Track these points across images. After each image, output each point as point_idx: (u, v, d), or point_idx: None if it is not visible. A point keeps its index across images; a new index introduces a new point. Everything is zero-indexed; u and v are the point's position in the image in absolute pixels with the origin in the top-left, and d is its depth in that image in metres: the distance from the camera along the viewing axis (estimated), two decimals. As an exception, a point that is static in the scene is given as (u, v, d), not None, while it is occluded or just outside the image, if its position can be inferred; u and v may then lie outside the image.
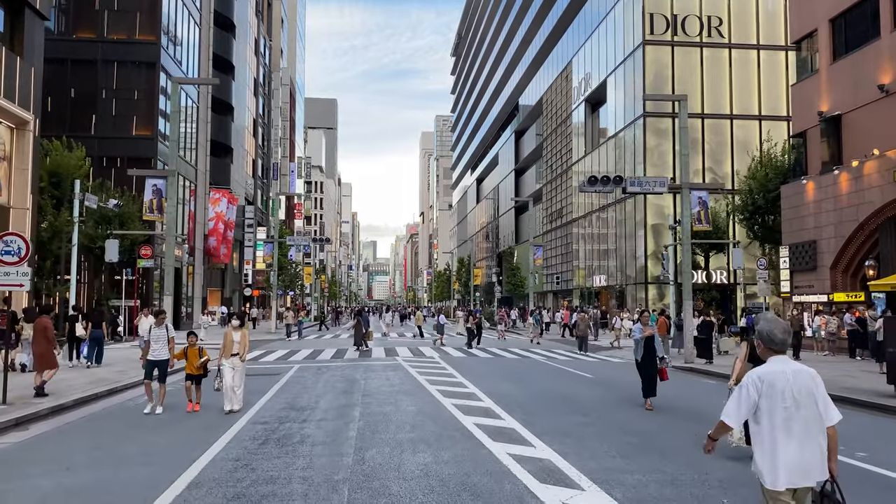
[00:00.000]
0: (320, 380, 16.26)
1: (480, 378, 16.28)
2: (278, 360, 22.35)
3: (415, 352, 25.17)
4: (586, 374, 17.77)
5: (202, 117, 47.31)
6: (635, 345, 12.11)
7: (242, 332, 11.83)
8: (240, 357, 11.69)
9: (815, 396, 3.91)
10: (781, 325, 4.03)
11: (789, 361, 4.00)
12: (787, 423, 3.85)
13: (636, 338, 12.05)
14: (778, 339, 4.00)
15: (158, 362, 11.83)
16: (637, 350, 12.12)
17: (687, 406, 12.39)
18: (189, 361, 11.94)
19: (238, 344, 11.70)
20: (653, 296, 41.20)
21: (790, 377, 3.91)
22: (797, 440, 3.83)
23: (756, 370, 4.02)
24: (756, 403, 3.92)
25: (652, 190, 22.20)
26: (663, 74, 42.13)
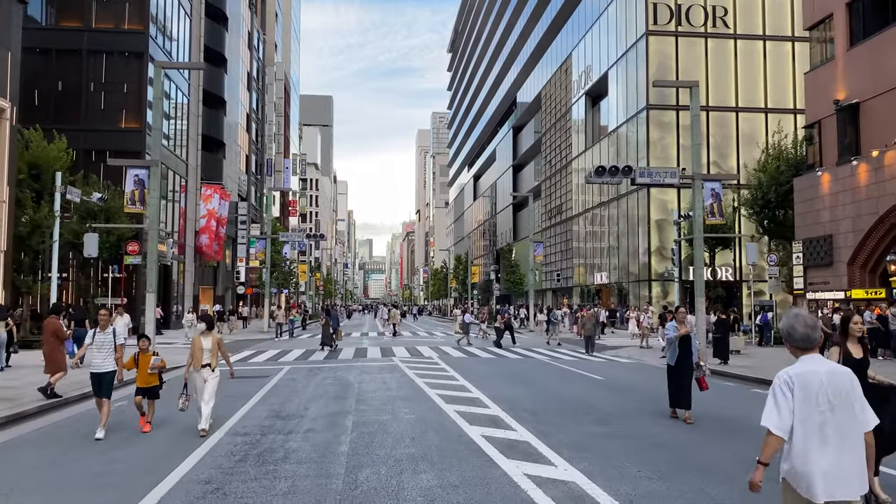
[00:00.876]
0: (311, 383, 15.08)
1: (483, 380, 15.12)
2: (268, 360, 21.16)
3: (412, 352, 24.00)
4: (595, 376, 16.62)
5: (193, 111, 46.04)
6: (667, 346, 10.71)
7: (214, 337, 9.78)
8: (211, 367, 9.64)
9: (851, 399, 3.63)
10: (803, 320, 3.74)
11: (823, 360, 3.71)
12: (822, 428, 3.56)
13: (669, 337, 10.57)
14: (798, 335, 3.73)
15: (102, 375, 9.49)
16: (670, 352, 10.68)
17: (715, 413, 11.22)
18: (140, 371, 9.82)
19: (209, 353, 9.63)
20: (657, 293, 40.08)
21: (824, 378, 3.62)
22: (833, 447, 3.55)
23: (787, 370, 3.70)
24: (792, 404, 3.61)
25: (662, 181, 21.06)
26: (667, 66, 40.98)
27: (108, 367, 9.55)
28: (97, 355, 9.51)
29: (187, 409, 9.62)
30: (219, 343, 9.74)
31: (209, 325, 9.97)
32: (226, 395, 13.22)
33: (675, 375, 10.58)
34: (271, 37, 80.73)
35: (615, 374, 17.30)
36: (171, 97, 41.11)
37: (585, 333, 24.26)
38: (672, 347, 10.59)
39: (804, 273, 25.68)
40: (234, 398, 12.70)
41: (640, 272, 41.24)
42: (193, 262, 46.68)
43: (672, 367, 10.64)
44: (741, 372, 17.90)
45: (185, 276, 44.57)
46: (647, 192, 40.28)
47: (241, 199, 60.02)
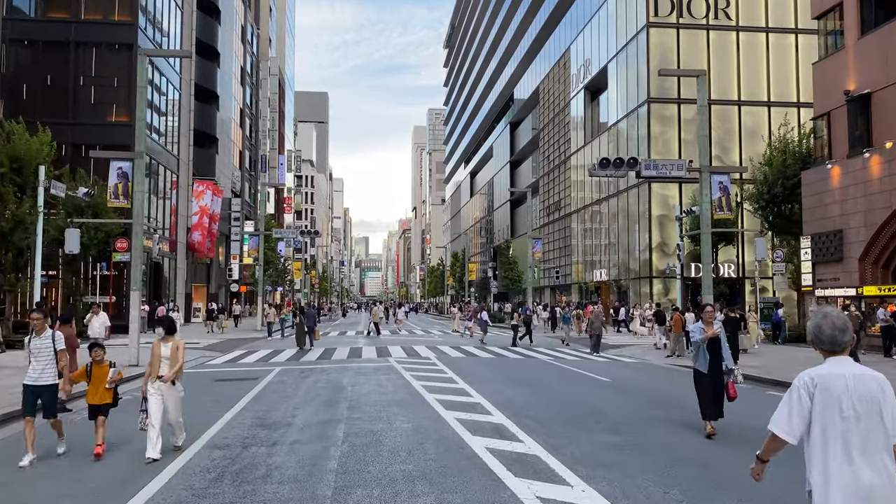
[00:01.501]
0: (302, 386, 14.23)
1: (484, 383, 14.29)
2: (258, 361, 20.31)
3: (409, 352, 23.15)
4: (602, 378, 15.80)
5: (185, 105, 45.11)
6: (694, 349, 9.55)
7: (174, 344, 8.28)
8: (166, 379, 8.10)
9: (880, 407, 3.32)
10: (832, 321, 3.46)
11: (850, 363, 3.43)
12: (845, 437, 3.29)
13: (696, 339, 9.25)
14: (825, 337, 3.48)
15: (40, 389, 8.02)
16: (697, 357, 9.35)
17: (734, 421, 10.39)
18: (93, 385, 8.20)
19: (167, 362, 8.17)
20: (658, 291, 39.29)
21: (850, 382, 3.35)
22: (855, 459, 3.28)
23: (809, 371, 3.46)
24: (810, 410, 3.36)
25: (669, 174, 20.24)
26: (668, 58, 40.16)
27: (48, 379, 8.07)
28: (34, 365, 8.10)
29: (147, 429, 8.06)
30: (178, 347, 8.32)
31: (168, 328, 8.41)
32: (210, 400, 12.39)
33: (706, 383, 9.20)
34: (265, 31, 79.72)
35: (621, 376, 16.48)
36: (162, 92, 40.22)
37: (593, 332, 23.21)
38: (700, 351, 9.30)
39: (812, 269, 24.90)
40: (218, 404, 11.85)
41: (641, 269, 40.45)
42: (185, 260, 45.78)
43: (702, 374, 9.24)
44: (752, 373, 17.09)
45: (177, 274, 43.68)
46: (648, 187, 39.49)
47: (235, 195, 59.05)
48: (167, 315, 8.77)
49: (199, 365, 19.58)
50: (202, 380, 15.83)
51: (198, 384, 15.01)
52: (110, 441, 8.35)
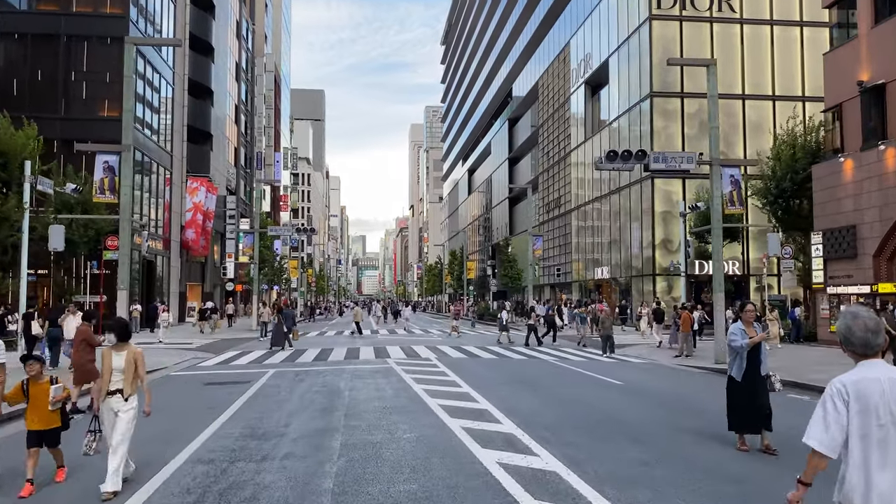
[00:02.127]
0: (297, 390, 13.44)
1: (489, 387, 13.52)
2: (252, 363, 19.51)
3: (408, 352, 22.36)
4: (612, 380, 15.03)
5: (178, 100, 44.26)
6: (731, 355, 8.52)
7: (131, 352, 6.77)
8: (123, 394, 6.64)
9: None
10: (863, 323, 3.21)
11: (884, 367, 3.18)
12: (882, 445, 3.06)
13: (738, 344, 8.09)
14: (856, 339, 3.23)
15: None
16: (735, 363, 8.28)
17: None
18: (32, 407, 6.67)
19: (121, 375, 6.66)
20: (661, 289, 38.53)
21: (886, 387, 3.11)
22: (893, 468, 3.05)
23: (841, 377, 3.21)
24: (847, 419, 3.10)
25: (678, 167, 19.48)
26: (671, 51, 39.33)
27: None
28: None
29: (101, 452, 6.73)
30: (136, 360, 6.75)
31: (121, 334, 6.90)
32: (200, 405, 11.61)
33: (742, 393, 8.20)
34: (261, 27, 78.85)
35: (631, 378, 15.70)
36: (155, 87, 39.36)
37: (604, 332, 22.15)
38: (738, 359, 8.21)
39: (824, 266, 24.15)
40: (206, 411, 11.07)
41: (644, 267, 39.69)
42: (179, 258, 44.98)
43: (736, 383, 8.29)
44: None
45: (171, 272, 42.87)
46: (651, 183, 38.73)
47: (230, 192, 58.23)
48: (119, 318, 7.24)
49: (190, 367, 18.79)
50: (192, 383, 15.05)
51: (187, 388, 14.23)
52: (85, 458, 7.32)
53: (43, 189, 23.00)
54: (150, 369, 18.00)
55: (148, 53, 37.61)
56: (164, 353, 23.12)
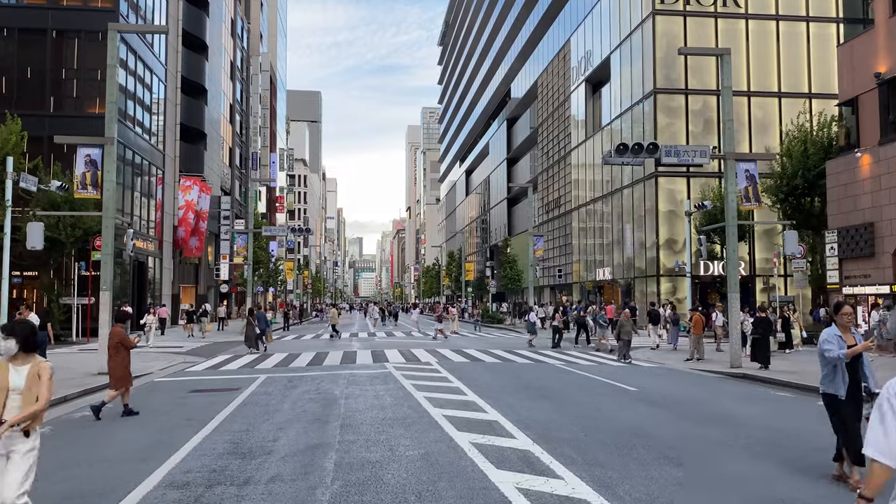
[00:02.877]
0: (288, 398, 12.46)
1: (496, 394, 12.55)
2: (243, 368, 18.50)
3: (407, 356, 21.36)
4: (627, 387, 14.06)
5: (171, 98, 43.26)
6: (825, 367, 6.75)
7: (35, 368, 4.88)
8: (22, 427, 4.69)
9: None
10: None
11: None
12: None
13: (835, 354, 6.52)
14: None
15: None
16: (836, 378, 6.63)
17: (802, 441, 8.70)
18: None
19: (18, 398, 4.76)
20: (665, 290, 37.61)
21: None
22: None
23: (893, 380, 2.97)
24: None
25: (691, 161, 18.57)
26: (674, 47, 38.23)
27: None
28: None
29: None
30: (39, 374, 4.84)
31: (25, 342, 4.90)
32: (181, 417, 10.62)
33: (848, 412, 6.56)
34: (256, 27, 77.88)
35: (647, 384, 14.73)
36: (147, 84, 38.32)
37: (623, 337, 20.29)
38: (836, 373, 6.63)
39: (840, 265, 23.24)
40: (189, 422, 10.09)
41: (648, 267, 38.77)
42: (172, 259, 43.93)
43: (840, 402, 6.59)
44: (790, 379, 15.41)
45: (163, 274, 41.82)
46: (655, 181, 37.84)
47: (225, 193, 57.17)
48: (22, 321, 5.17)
49: (177, 372, 17.79)
50: (176, 391, 14.05)
51: (170, 396, 13.24)
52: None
53: (26, 186, 21.96)
54: (137, 373, 17.01)
55: (140, 50, 36.63)
56: (153, 357, 22.10)
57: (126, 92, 35.08)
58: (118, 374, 10.99)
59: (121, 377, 10.97)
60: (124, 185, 34.81)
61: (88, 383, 14.86)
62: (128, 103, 35.36)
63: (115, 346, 11.09)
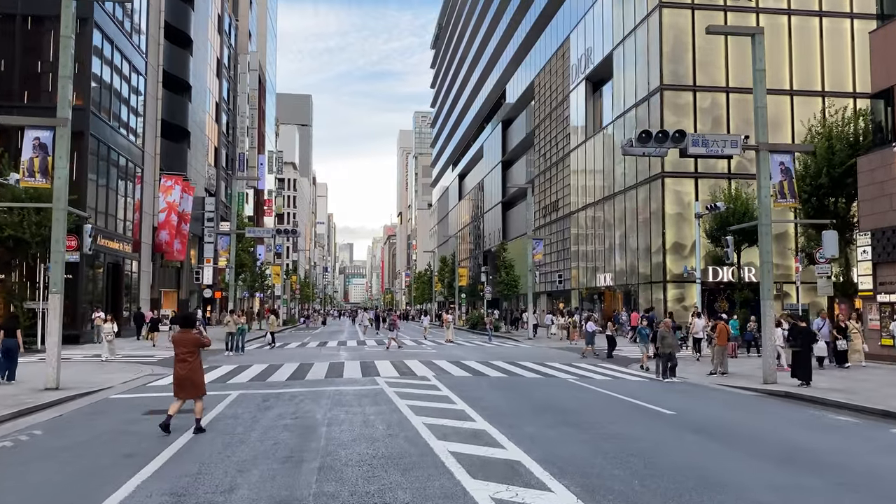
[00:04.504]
0: (259, 424, 10.30)
1: (510, 419, 10.45)
2: (214, 382, 16.29)
3: (401, 368, 19.19)
4: (660, 409, 11.98)
5: (151, 92, 41.04)
6: None
7: None
8: None
9: None
10: None
11: None
12: None
13: None
14: None
15: None
16: None
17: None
18: None
19: None
20: (673, 297, 35.62)
21: None
22: None
23: None
24: None
25: (720, 152, 16.56)
26: (682, 42, 36.68)
27: None
28: None
29: None
30: None
31: None
32: (119, 452, 8.44)
33: None
34: (244, 24, 75.74)
35: (679, 405, 12.65)
36: (124, 75, 36.07)
37: (664, 350, 17.05)
38: None
39: (874, 271, 21.28)
40: (127, 458, 7.93)
41: (654, 273, 36.76)
42: (151, 262, 41.63)
43: None
44: (842, 398, 13.39)
45: (141, 277, 39.49)
46: (662, 182, 35.89)
47: (210, 194, 54.89)
48: None
49: (140, 386, 15.61)
50: (130, 411, 11.88)
51: (119, 419, 11.06)
52: None
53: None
54: (93, 388, 14.85)
55: (117, 39, 34.43)
56: (119, 367, 19.91)
57: (101, 82, 32.89)
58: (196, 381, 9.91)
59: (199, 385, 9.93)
60: (97, 182, 32.58)
61: (30, 401, 12.70)
62: (103, 94, 33.15)
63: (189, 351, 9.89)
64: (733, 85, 36.44)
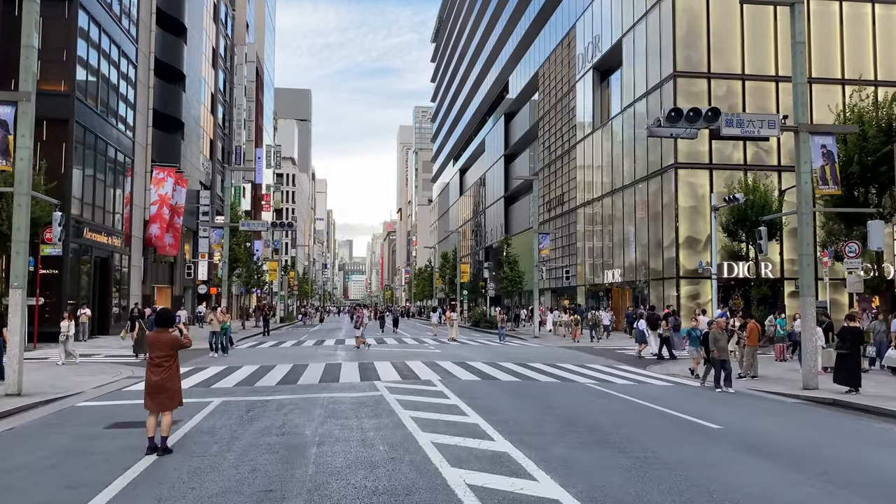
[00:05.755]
0: (238, 442, 8.74)
1: (534, 437, 8.89)
2: (197, 386, 14.74)
3: (402, 371, 17.59)
4: (704, 423, 10.41)
5: (142, 79, 39.38)
6: None
7: None
8: None
9: None
10: None
11: None
12: None
13: None
14: None
15: None
16: None
17: None
18: None
19: None
20: (686, 293, 34.04)
21: None
22: None
23: None
24: None
25: (756, 132, 14.96)
26: (696, 27, 35.06)
27: None
28: None
29: None
30: None
31: None
32: (63, 482, 6.87)
33: None
34: (242, 15, 74.06)
35: (722, 417, 11.09)
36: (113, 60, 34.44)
37: (717, 356, 14.69)
38: None
39: (913, 266, 19.69)
40: (67, 493, 6.36)
41: (666, 269, 35.16)
42: (142, 256, 40.04)
43: None
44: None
45: (132, 272, 37.90)
46: (675, 174, 34.29)
47: (205, 187, 53.30)
48: None
49: (112, 392, 14.05)
50: (93, 423, 10.32)
51: (76, 434, 9.48)
52: None
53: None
54: (60, 394, 13.32)
55: (104, 22, 32.80)
56: (99, 368, 18.40)
57: (88, 67, 31.29)
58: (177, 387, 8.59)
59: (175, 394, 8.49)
60: (84, 171, 31.01)
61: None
62: (89, 80, 31.55)
63: (175, 355, 8.54)
64: (749, 72, 34.86)
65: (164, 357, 8.26)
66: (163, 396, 8.19)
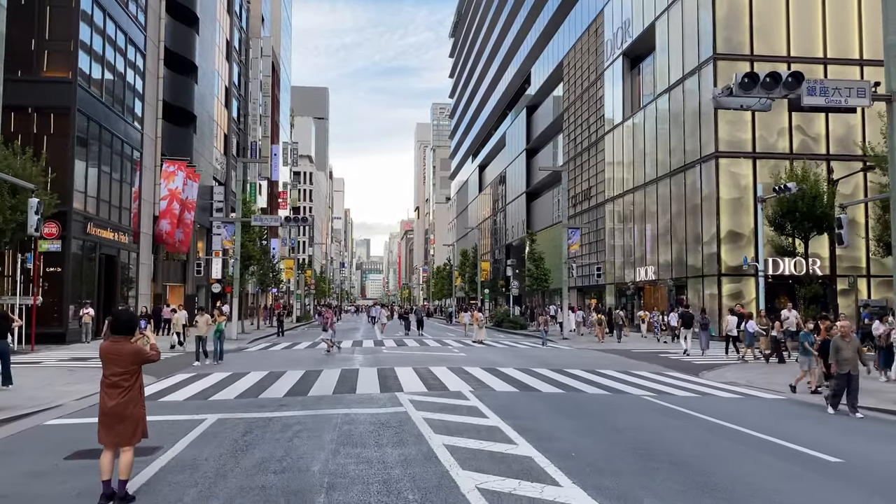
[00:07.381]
0: (224, 483, 6.72)
1: (611, 476, 6.81)
2: (193, 398, 12.78)
3: (427, 380, 15.49)
4: (813, 452, 8.27)
5: (151, 70, 37.65)
6: None
7: None
8: None
9: None
10: None
11: None
12: None
13: None
14: None
15: None
16: None
17: None
18: None
19: None
20: (728, 291, 31.70)
21: None
22: None
23: None
24: None
25: (843, 103, 12.76)
26: (737, 8, 32.72)
27: None
28: None
29: None
30: None
31: None
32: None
33: None
34: (257, 7, 72.39)
35: (835, 447, 8.92)
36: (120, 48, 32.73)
37: (839, 369, 11.68)
38: None
39: None
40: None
41: (706, 266, 32.83)
42: (152, 254, 38.36)
43: None
44: None
45: (140, 270, 36.19)
46: (716, 164, 31.98)
47: (219, 183, 51.68)
48: None
49: (91, 407, 12.07)
50: (51, 451, 8.36)
51: (25, 468, 7.50)
52: None
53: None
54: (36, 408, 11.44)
55: (109, 6, 31.08)
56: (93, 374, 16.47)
57: (92, 53, 29.59)
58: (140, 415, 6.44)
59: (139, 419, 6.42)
60: (87, 164, 29.30)
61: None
62: (94, 67, 29.84)
63: (137, 372, 6.42)
64: (795, 54, 32.45)
65: (122, 375, 6.21)
66: (122, 427, 6.17)
